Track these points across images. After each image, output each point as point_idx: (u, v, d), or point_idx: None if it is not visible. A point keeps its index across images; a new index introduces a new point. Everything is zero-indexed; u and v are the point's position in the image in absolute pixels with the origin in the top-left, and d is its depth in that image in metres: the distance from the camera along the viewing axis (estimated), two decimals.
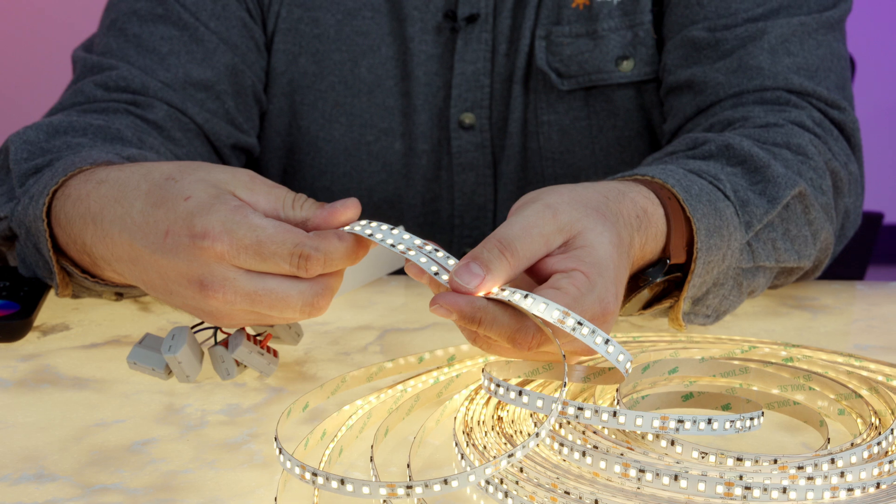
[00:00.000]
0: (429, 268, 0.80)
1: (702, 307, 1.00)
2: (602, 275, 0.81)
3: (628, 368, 0.78)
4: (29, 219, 0.97)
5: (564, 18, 1.25)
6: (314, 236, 0.82)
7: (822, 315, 1.08)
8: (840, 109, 1.17)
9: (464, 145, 1.29)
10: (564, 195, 0.84)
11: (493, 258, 0.79)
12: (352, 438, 0.83)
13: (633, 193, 0.91)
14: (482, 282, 0.78)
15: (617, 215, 0.86)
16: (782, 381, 0.89)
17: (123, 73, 1.18)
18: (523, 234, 0.80)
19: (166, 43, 1.21)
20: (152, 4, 1.22)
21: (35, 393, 0.91)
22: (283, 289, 0.82)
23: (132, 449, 0.82)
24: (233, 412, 0.88)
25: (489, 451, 0.79)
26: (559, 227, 0.82)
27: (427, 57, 1.27)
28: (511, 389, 0.77)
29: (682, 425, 0.76)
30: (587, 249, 0.82)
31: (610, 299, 0.81)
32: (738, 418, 0.77)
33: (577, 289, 0.79)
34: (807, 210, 1.05)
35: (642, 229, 0.90)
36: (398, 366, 0.93)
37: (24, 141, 1.04)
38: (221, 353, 0.90)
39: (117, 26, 1.22)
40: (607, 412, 0.76)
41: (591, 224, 0.83)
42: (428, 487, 0.70)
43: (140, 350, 0.89)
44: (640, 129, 1.27)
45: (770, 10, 1.18)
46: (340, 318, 1.07)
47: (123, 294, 1.03)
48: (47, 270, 0.99)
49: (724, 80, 1.17)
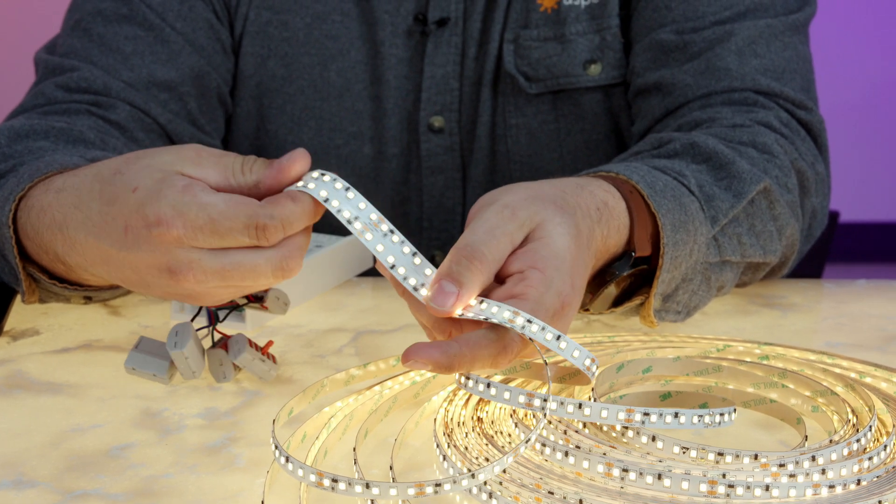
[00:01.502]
0: (397, 272, 0.79)
1: (672, 303, 1.00)
2: (559, 268, 0.81)
3: (587, 365, 0.78)
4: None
5: (532, 22, 1.25)
6: (267, 204, 0.80)
7: (791, 313, 1.09)
8: (807, 110, 1.18)
9: (433, 148, 1.29)
10: (520, 193, 0.84)
11: (463, 269, 0.78)
12: (334, 441, 0.83)
13: (591, 187, 0.92)
14: (458, 297, 0.78)
15: (575, 207, 0.86)
16: (756, 380, 0.89)
17: (85, 73, 1.17)
18: (488, 238, 0.80)
19: (130, 43, 1.20)
20: (117, 4, 1.21)
21: (8, 398, 0.90)
22: (250, 259, 0.81)
23: (111, 454, 0.82)
24: (210, 416, 0.87)
25: (471, 452, 0.79)
26: (520, 224, 0.81)
27: (397, 60, 1.27)
28: (480, 382, 0.77)
29: (647, 418, 0.76)
30: (544, 241, 0.81)
31: (567, 291, 0.81)
32: (706, 413, 0.77)
33: (536, 289, 0.79)
34: (772, 206, 1.06)
35: (603, 221, 0.90)
36: (378, 369, 0.93)
37: None
38: (220, 356, 0.90)
39: (81, 26, 1.21)
40: (573, 404, 0.76)
41: (548, 216, 0.83)
42: (456, 483, 0.71)
43: (138, 355, 0.89)
44: (608, 133, 1.28)
45: (737, 13, 1.19)
46: (312, 321, 1.06)
47: (92, 298, 1.02)
48: (13, 276, 0.98)
49: (693, 81, 1.18)
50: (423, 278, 0.79)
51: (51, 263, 0.93)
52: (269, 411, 0.89)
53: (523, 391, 0.75)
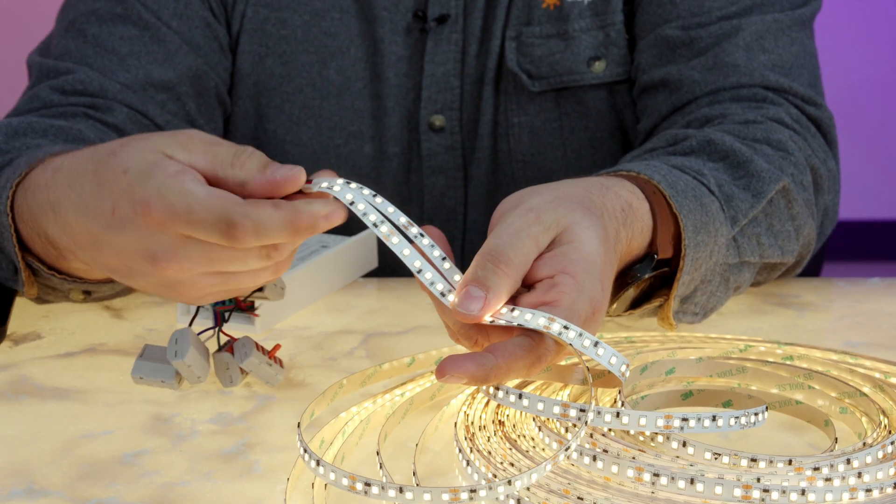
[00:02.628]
0: (423, 277, 0.77)
1: (690, 305, 0.98)
2: (590, 272, 0.79)
3: (624, 371, 0.76)
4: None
5: (535, 19, 1.23)
6: (246, 203, 0.76)
7: (807, 312, 1.07)
8: (816, 106, 1.16)
9: (434, 148, 1.26)
10: (545, 195, 0.82)
11: (489, 274, 0.76)
12: (352, 446, 0.81)
13: (616, 187, 0.89)
14: (485, 303, 0.75)
15: (602, 209, 0.84)
16: (781, 381, 0.88)
17: (80, 76, 1.14)
18: (513, 241, 0.78)
19: (126, 43, 1.17)
20: (111, 4, 1.19)
21: (14, 404, 0.88)
22: (239, 253, 0.78)
23: (123, 461, 0.79)
24: (223, 421, 0.85)
25: (494, 457, 0.77)
26: (546, 227, 0.79)
27: (397, 58, 1.25)
28: (511, 393, 0.75)
29: (686, 423, 0.74)
30: (573, 245, 0.79)
31: (599, 296, 0.79)
32: (742, 414, 0.75)
33: (568, 295, 0.77)
34: (790, 205, 1.04)
35: (628, 223, 0.88)
36: (392, 367, 0.91)
37: None
38: (227, 359, 0.87)
39: (76, 27, 1.18)
40: (610, 413, 0.74)
41: (576, 219, 0.80)
42: (493, 489, 0.69)
43: (144, 363, 0.86)
44: (612, 130, 1.26)
45: (743, 8, 1.17)
46: (320, 323, 1.04)
47: (91, 293, 0.99)
48: (11, 269, 0.96)
49: (700, 77, 1.16)
50: (452, 283, 0.77)
51: (43, 248, 0.90)
52: (283, 416, 0.86)
53: (558, 401, 0.73)
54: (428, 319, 1.05)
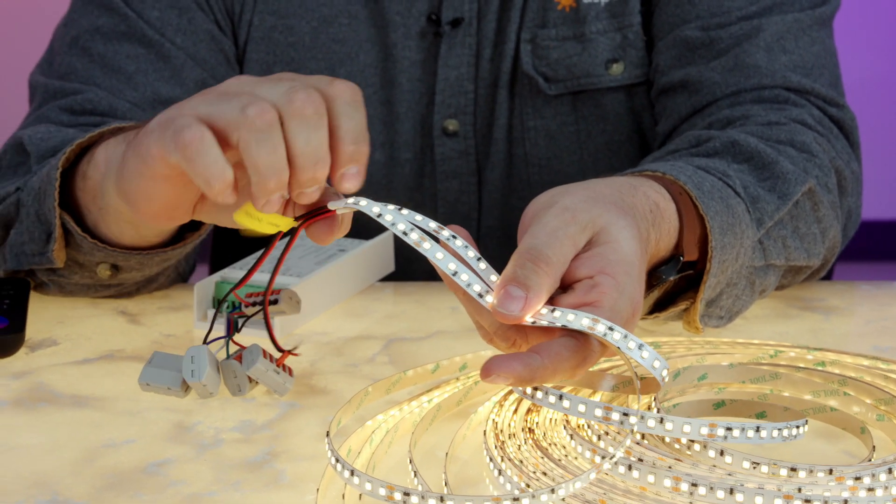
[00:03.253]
0: (460, 279, 0.75)
1: (715, 308, 0.97)
2: (629, 273, 0.77)
3: (664, 376, 0.74)
4: (41, 177, 0.97)
5: (550, 21, 1.21)
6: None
7: (833, 316, 1.06)
8: (838, 107, 1.15)
9: (447, 153, 1.25)
10: (578, 194, 0.80)
11: (530, 273, 0.74)
12: (381, 455, 0.79)
13: (644, 187, 0.88)
14: (526, 303, 0.73)
15: (633, 209, 0.83)
16: (815, 387, 0.86)
17: (90, 96, 1.13)
18: (551, 240, 0.76)
19: (132, 62, 1.16)
20: (115, 21, 1.17)
21: (33, 413, 0.86)
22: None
23: (148, 471, 0.78)
24: (247, 429, 0.84)
25: (526, 466, 0.76)
26: (582, 226, 0.77)
27: (410, 63, 1.23)
28: (551, 394, 0.73)
29: (730, 433, 0.72)
30: (611, 246, 0.78)
31: (637, 298, 0.78)
32: (784, 426, 0.74)
33: (609, 295, 0.75)
34: (816, 207, 1.03)
35: (656, 224, 0.87)
36: (417, 374, 0.89)
37: (37, 131, 1.05)
38: (235, 367, 0.85)
39: (79, 45, 1.16)
40: (654, 419, 0.72)
41: (612, 219, 0.79)
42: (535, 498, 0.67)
43: (152, 370, 0.84)
44: (630, 133, 1.24)
45: (763, 8, 1.16)
46: (339, 328, 1.02)
47: (120, 268, 0.98)
48: (43, 238, 0.97)
49: (721, 79, 1.15)
50: (489, 284, 0.75)
51: (85, 184, 0.95)
52: (307, 424, 0.85)
53: (600, 404, 0.71)
54: (448, 324, 1.03)
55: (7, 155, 1.07)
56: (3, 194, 1.03)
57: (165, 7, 1.18)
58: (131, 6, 1.17)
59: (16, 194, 1.02)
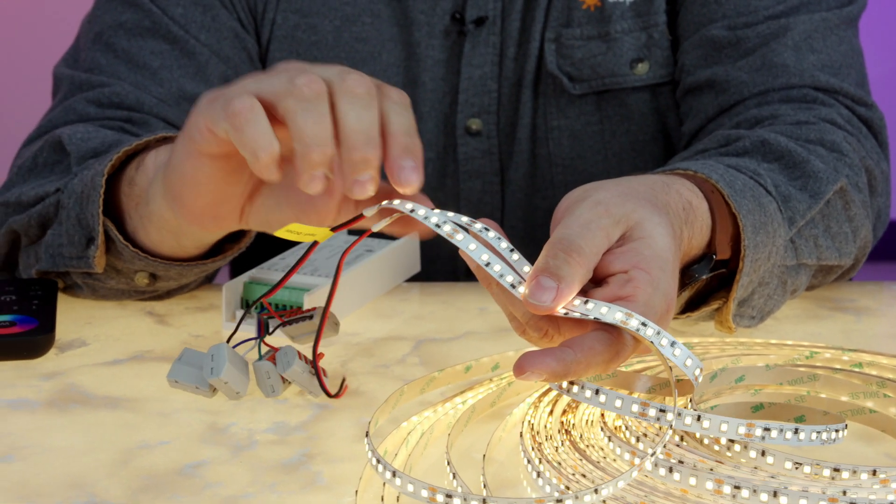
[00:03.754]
0: (492, 270, 0.75)
1: (747, 308, 0.96)
2: (664, 269, 0.76)
3: (697, 375, 0.73)
4: (85, 181, 0.97)
5: (575, 20, 1.21)
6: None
7: (865, 317, 1.05)
8: (867, 106, 1.14)
9: (470, 152, 1.24)
10: (612, 190, 0.79)
11: (562, 264, 0.73)
12: (417, 456, 0.79)
13: (677, 185, 0.87)
14: (557, 293, 0.72)
15: (666, 206, 0.82)
16: (853, 388, 0.86)
17: (117, 89, 1.12)
18: (584, 232, 0.75)
19: (157, 57, 1.15)
20: (139, 17, 1.17)
21: (66, 414, 0.86)
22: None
23: (184, 472, 0.77)
24: (281, 431, 0.83)
25: (565, 469, 0.75)
26: (616, 220, 0.77)
27: (433, 62, 1.22)
28: (587, 388, 0.72)
29: (768, 433, 0.72)
30: (645, 241, 0.77)
31: (671, 294, 0.77)
32: (823, 429, 0.73)
33: (644, 291, 0.75)
34: (847, 206, 1.02)
35: (689, 222, 0.86)
36: (449, 374, 0.89)
37: (77, 131, 1.05)
38: (268, 368, 0.85)
39: (103, 40, 1.16)
40: (691, 416, 0.71)
41: (646, 214, 0.78)
42: (579, 499, 0.67)
43: (181, 367, 0.84)
44: (655, 134, 1.24)
45: (791, 7, 1.15)
46: (368, 328, 1.02)
47: (158, 277, 0.99)
48: (83, 242, 0.98)
49: (748, 78, 1.14)
50: (521, 275, 0.74)
51: (124, 188, 0.96)
52: (341, 425, 0.84)
53: (637, 399, 0.71)
54: (477, 325, 1.03)
55: (44, 153, 1.06)
56: (43, 193, 1.03)
57: (189, 4, 1.17)
58: (155, 2, 1.17)
59: (56, 195, 1.01)
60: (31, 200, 1.03)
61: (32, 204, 1.03)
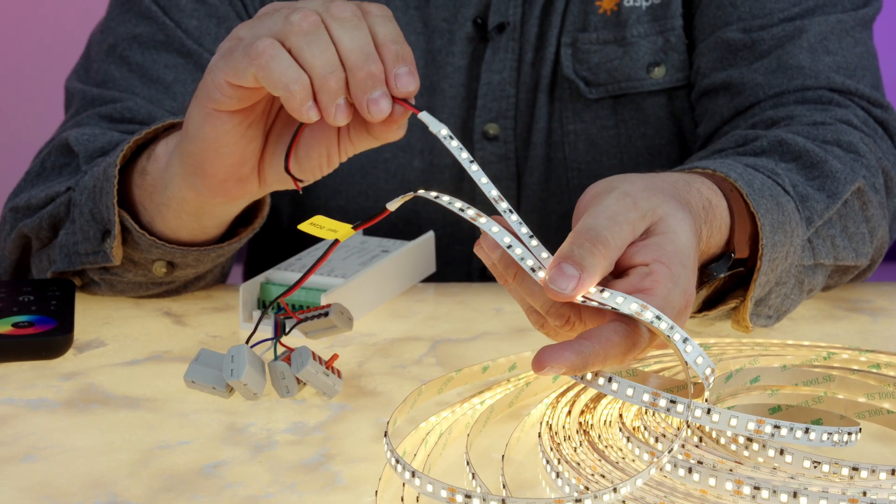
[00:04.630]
0: (514, 253, 0.75)
1: (764, 307, 0.97)
2: (684, 265, 0.77)
3: (707, 374, 0.73)
4: (97, 176, 0.98)
5: (591, 25, 1.21)
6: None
7: (881, 318, 1.05)
8: (883, 108, 1.15)
9: (487, 156, 1.24)
10: (637, 183, 0.80)
11: (586, 253, 0.73)
12: (436, 457, 0.79)
13: (697, 184, 0.88)
14: (579, 282, 0.72)
15: (688, 204, 0.83)
16: (869, 389, 0.86)
17: (129, 104, 1.13)
18: (610, 223, 0.75)
19: (171, 71, 1.16)
20: (153, 30, 1.17)
21: (87, 414, 0.86)
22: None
23: (204, 472, 0.77)
24: (300, 431, 0.83)
25: (584, 469, 0.75)
26: (642, 214, 0.77)
27: (454, 69, 1.23)
28: (601, 376, 0.72)
29: (777, 431, 0.72)
30: (668, 236, 0.77)
31: (691, 291, 0.77)
32: (835, 431, 0.73)
33: (663, 285, 0.75)
34: (864, 207, 1.03)
35: (708, 221, 0.86)
36: (464, 375, 0.89)
37: (83, 132, 1.06)
38: (283, 369, 0.85)
39: (117, 53, 1.16)
40: (701, 408, 0.71)
41: (671, 210, 0.78)
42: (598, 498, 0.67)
43: (198, 367, 0.85)
44: (671, 137, 1.24)
45: (806, 9, 1.15)
46: (385, 329, 1.02)
47: (176, 265, 1.00)
48: (98, 237, 0.98)
49: (764, 80, 1.14)
50: (540, 261, 0.75)
51: (136, 179, 0.97)
52: (359, 426, 0.84)
53: (648, 389, 0.71)
54: (494, 326, 1.03)
55: (52, 156, 1.07)
56: (53, 194, 1.03)
57: (203, 16, 1.18)
58: (169, 15, 1.17)
59: (66, 194, 1.02)
60: (41, 202, 1.04)
61: (42, 205, 1.04)
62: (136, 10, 1.17)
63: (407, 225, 1.26)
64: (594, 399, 0.84)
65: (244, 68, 0.81)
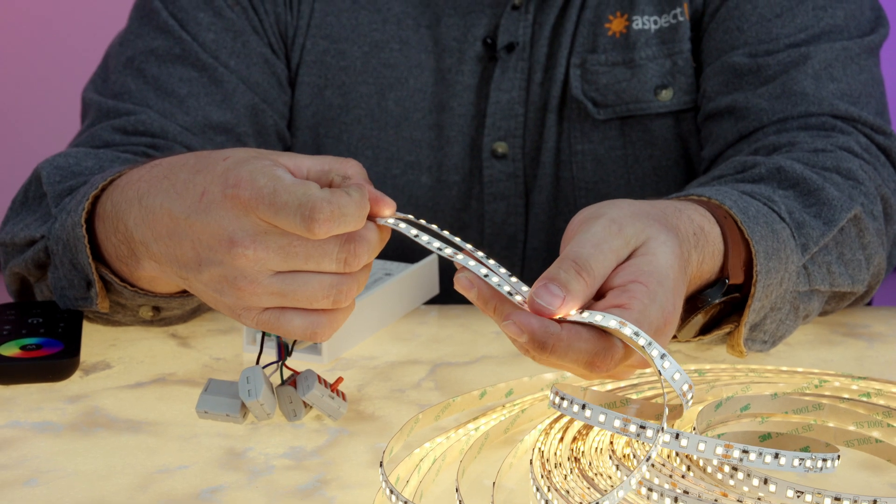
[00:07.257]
0: (491, 281, 0.78)
1: (759, 333, 0.98)
2: (662, 283, 0.80)
3: (684, 391, 0.75)
4: (67, 229, 0.97)
5: (600, 46, 1.22)
6: (326, 190, 0.79)
7: (878, 343, 1.06)
8: (885, 135, 1.15)
9: (496, 175, 1.26)
10: (625, 209, 0.83)
11: (571, 279, 0.77)
12: (429, 483, 0.81)
13: (689, 211, 0.90)
14: (563, 303, 0.76)
15: (676, 229, 0.85)
16: (858, 418, 0.87)
17: (142, 117, 1.15)
18: (595, 252, 0.79)
19: (185, 85, 1.18)
20: (170, 44, 1.19)
21: (91, 438, 0.88)
22: (317, 250, 0.80)
23: (202, 497, 0.79)
24: (297, 456, 0.85)
25: (573, 497, 0.77)
26: (626, 241, 0.80)
27: (463, 87, 1.24)
28: (575, 403, 0.75)
29: (746, 455, 0.74)
30: (647, 258, 0.80)
31: (670, 309, 0.80)
32: (808, 457, 0.75)
33: (640, 301, 0.78)
34: (861, 234, 1.04)
35: (699, 247, 0.88)
36: (464, 400, 0.90)
37: (56, 166, 1.05)
38: (290, 393, 0.87)
39: (135, 65, 1.19)
40: (670, 433, 0.73)
41: (654, 233, 0.81)
42: None
43: (209, 398, 0.86)
44: (678, 159, 1.25)
45: (812, 36, 1.17)
46: (386, 352, 1.04)
47: (161, 309, 1.00)
48: (83, 285, 0.98)
49: (768, 105, 1.15)
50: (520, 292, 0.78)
51: (115, 250, 0.93)
52: (356, 451, 0.86)
53: (620, 415, 0.73)
54: (494, 349, 1.04)
55: (32, 186, 1.07)
56: (30, 237, 1.02)
57: (221, 30, 1.20)
58: (187, 29, 1.19)
59: (42, 242, 1.01)
60: (23, 242, 1.04)
61: (24, 246, 1.04)
62: (154, 23, 1.20)
63: (410, 247, 1.27)
64: (587, 426, 0.85)
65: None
